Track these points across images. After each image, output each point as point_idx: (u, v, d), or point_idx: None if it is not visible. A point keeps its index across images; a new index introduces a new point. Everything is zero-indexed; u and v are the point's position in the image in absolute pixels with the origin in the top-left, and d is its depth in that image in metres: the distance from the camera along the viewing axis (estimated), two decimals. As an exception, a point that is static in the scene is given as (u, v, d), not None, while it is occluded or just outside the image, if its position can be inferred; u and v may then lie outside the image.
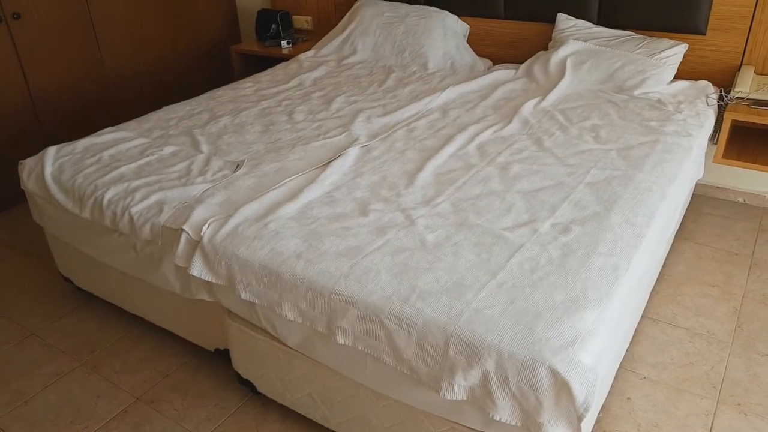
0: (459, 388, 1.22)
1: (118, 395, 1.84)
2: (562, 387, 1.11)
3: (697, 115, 2.20)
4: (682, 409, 1.71)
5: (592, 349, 1.17)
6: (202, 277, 1.57)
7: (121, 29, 3.24)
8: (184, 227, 1.61)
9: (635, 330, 1.97)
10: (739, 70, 2.45)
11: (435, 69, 2.83)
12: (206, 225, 1.60)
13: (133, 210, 1.73)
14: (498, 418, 1.19)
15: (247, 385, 1.77)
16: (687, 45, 2.46)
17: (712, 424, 1.66)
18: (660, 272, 2.25)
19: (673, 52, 2.42)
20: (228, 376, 1.88)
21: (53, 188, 1.95)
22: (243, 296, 1.51)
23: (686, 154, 1.94)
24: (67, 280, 2.28)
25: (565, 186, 1.71)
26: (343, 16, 3.45)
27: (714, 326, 2.01)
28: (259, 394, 1.77)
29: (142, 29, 3.34)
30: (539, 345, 1.15)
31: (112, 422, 1.75)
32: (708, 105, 2.27)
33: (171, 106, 2.52)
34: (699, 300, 2.13)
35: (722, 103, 2.31)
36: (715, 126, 2.33)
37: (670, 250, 2.36)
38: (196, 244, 1.59)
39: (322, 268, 1.41)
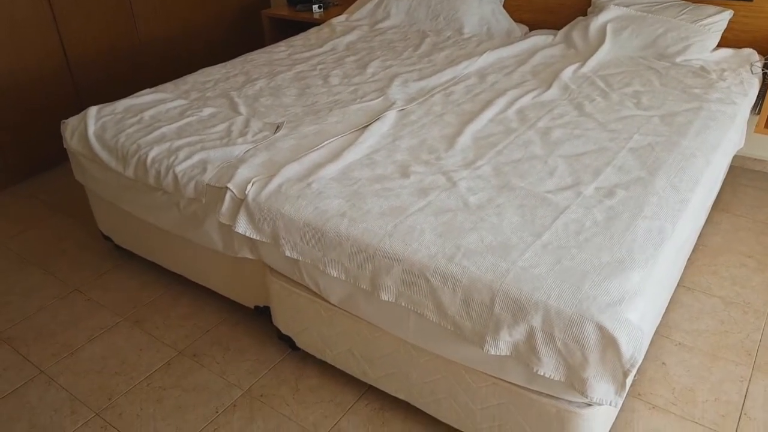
0: (503, 344, 1.24)
1: (161, 349, 1.90)
2: (609, 343, 1.13)
3: (741, 83, 2.15)
4: (717, 374, 1.72)
5: (638, 308, 1.18)
6: (246, 234, 1.60)
7: (154, -7, 3.25)
8: (228, 186, 1.64)
9: (671, 298, 1.97)
10: (785, 38, 2.39)
11: (470, 34, 2.79)
12: (250, 184, 1.63)
13: (178, 169, 1.76)
14: (542, 373, 1.21)
15: (286, 341, 1.82)
16: (732, 11, 2.39)
17: (747, 389, 1.67)
18: (696, 242, 2.24)
19: (718, 18, 2.36)
20: (266, 333, 1.93)
21: (96, 147, 1.99)
22: (287, 253, 1.54)
23: (730, 122, 1.91)
24: (107, 238, 2.33)
25: (608, 151, 1.70)
26: (375, -19, 3.41)
27: (750, 296, 2.00)
28: (298, 349, 1.82)
29: (175, -7, 3.35)
30: (587, 303, 1.16)
31: (157, 373, 1.82)
32: (753, 73, 2.22)
33: (206, 68, 2.54)
34: (735, 270, 2.12)
35: (767, 71, 2.26)
36: (758, 96, 2.28)
37: (706, 220, 2.34)
38: (240, 202, 1.62)
39: (367, 226, 1.43)
